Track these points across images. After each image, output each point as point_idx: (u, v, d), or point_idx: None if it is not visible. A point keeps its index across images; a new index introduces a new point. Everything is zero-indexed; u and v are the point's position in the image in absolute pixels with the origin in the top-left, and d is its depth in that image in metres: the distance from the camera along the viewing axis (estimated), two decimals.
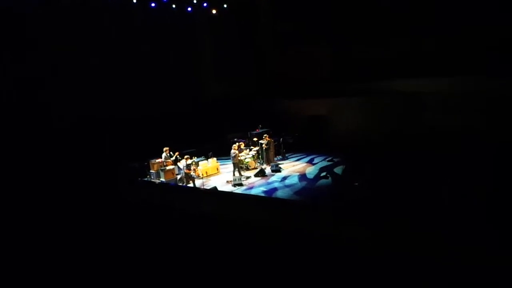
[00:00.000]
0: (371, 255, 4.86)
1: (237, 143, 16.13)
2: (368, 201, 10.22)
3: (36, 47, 14.35)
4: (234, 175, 14.52)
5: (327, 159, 16.72)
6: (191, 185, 13.67)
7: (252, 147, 17.02)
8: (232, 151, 14.65)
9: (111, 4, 16.49)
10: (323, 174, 14.28)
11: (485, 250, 4.44)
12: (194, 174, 13.77)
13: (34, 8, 14.21)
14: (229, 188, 13.64)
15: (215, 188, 12.96)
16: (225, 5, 20.53)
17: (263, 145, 16.22)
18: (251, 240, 5.90)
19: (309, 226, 6.86)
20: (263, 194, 12.52)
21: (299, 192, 12.63)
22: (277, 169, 15.45)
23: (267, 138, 16.36)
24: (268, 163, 16.25)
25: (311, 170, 15.30)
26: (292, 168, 16.03)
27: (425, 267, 4.30)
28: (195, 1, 19.40)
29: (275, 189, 13.06)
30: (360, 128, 17.99)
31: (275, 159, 16.95)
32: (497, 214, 7.56)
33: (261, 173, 14.96)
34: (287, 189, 12.99)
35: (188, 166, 13.47)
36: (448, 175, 11.67)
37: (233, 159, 14.58)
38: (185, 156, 13.72)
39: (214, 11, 20.44)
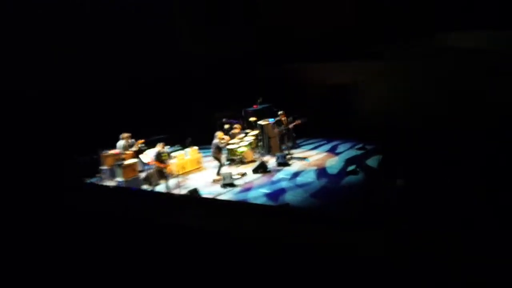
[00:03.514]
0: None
1: (226, 126, 13.85)
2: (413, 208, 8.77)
3: None
4: (219, 173, 12.50)
5: (356, 147, 14.63)
6: (162, 186, 11.46)
7: (248, 130, 14.54)
8: (215, 140, 12.37)
9: None
10: (350, 168, 12.40)
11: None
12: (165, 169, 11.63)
13: None
14: (216, 190, 11.76)
15: (195, 191, 10.99)
16: None
17: (281, 130, 13.81)
18: (248, 268, 4.25)
19: (335, 247, 4.62)
20: (265, 199, 10.81)
21: (317, 194, 10.81)
22: (284, 162, 13.46)
23: (283, 116, 13.94)
24: (273, 153, 14.14)
25: (333, 163, 13.46)
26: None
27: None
28: None
29: (282, 191, 11.26)
30: (401, 101, 15.50)
31: (282, 148, 14.63)
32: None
33: (262, 168, 12.92)
34: (299, 190, 11.23)
35: (158, 157, 10.96)
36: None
37: (213, 153, 12.51)
38: (159, 144, 11.32)
39: None
